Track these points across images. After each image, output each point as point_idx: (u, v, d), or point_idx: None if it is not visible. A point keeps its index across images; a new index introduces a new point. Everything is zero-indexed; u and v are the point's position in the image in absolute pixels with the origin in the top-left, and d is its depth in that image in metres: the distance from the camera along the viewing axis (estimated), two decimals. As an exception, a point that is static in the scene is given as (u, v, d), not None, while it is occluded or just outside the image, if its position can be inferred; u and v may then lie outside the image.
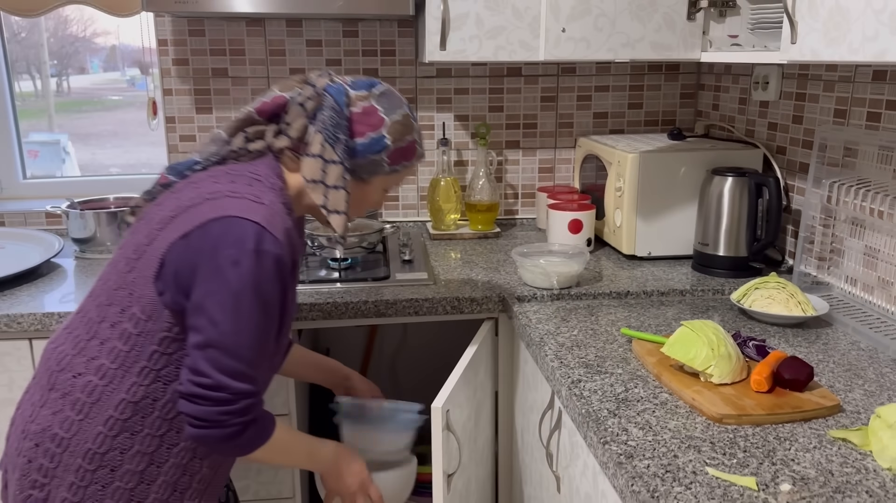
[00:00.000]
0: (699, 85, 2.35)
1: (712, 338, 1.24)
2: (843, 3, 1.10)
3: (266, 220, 1.10)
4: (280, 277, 1.11)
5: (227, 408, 1.07)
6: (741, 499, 0.94)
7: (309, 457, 1.29)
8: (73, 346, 1.14)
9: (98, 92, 2.63)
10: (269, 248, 1.08)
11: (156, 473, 1.13)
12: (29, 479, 1.11)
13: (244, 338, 1.07)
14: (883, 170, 1.53)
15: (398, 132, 1.24)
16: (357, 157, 1.23)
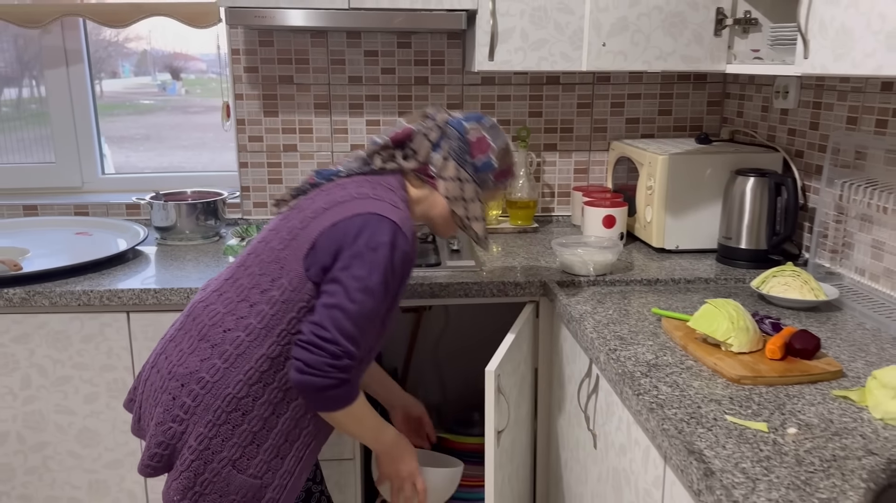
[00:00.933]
0: (725, 94, 2.53)
1: (733, 314, 1.43)
2: (848, 24, 1.29)
3: (401, 221, 1.35)
4: (403, 270, 1.35)
5: (333, 362, 1.26)
6: (754, 439, 1.12)
7: (375, 433, 1.44)
8: (224, 306, 1.37)
9: (130, 96, 2.74)
10: (401, 243, 1.33)
11: (275, 422, 1.35)
12: (171, 414, 1.33)
13: (365, 309, 1.29)
14: (890, 171, 1.71)
15: (502, 157, 1.52)
16: (481, 171, 1.50)
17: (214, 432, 1.32)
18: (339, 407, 1.32)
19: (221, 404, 1.32)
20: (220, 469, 1.32)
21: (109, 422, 1.93)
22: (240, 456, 1.32)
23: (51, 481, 1.96)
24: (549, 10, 2.02)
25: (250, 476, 1.33)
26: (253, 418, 1.33)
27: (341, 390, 1.30)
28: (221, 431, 1.32)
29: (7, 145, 2.61)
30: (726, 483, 1.00)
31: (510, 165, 1.55)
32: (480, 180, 1.50)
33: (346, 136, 2.48)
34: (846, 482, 1.01)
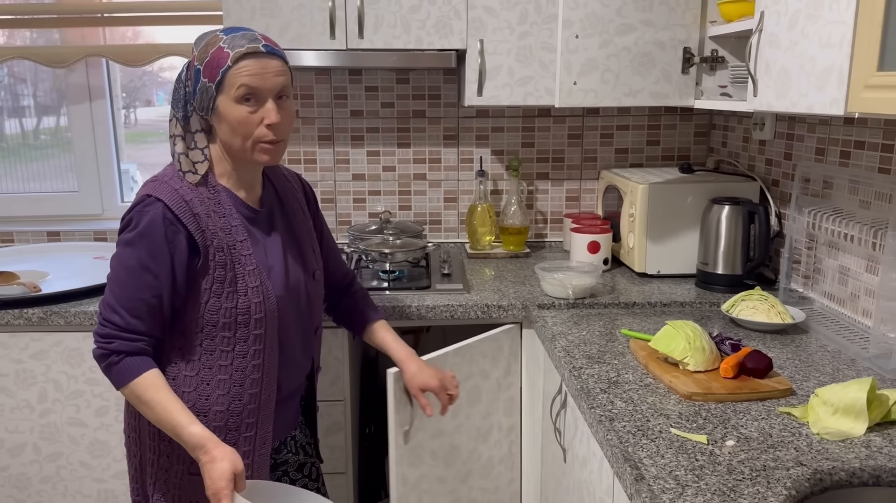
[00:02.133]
0: (711, 125, 2.63)
1: (690, 334, 1.52)
2: (787, 65, 1.39)
3: (153, 191, 1.31)
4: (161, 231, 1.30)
5: (98, 330, 1.32)
6: (693, 450, 1.21)
7: (173, 429, 1.30)
8: None
9: (163, 124, 2.84)
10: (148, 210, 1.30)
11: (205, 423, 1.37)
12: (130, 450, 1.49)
13: (119, 277, 1.31)
14: (853, 200, 1.79)
15: (201, 55, 1.32)
16: (194, 98, 1.34)
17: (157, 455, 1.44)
18: (115, 381, 1.31)
19: (152, 429, 1.42)
20: (180, 481, 1.44)
21: (118, 434, 2.06)
22: (190, 464, 1.41)
23: (63, 490, 2.09)
24: (534, 48, 2.15)
25: None
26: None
27: (110, 362, 1.30)
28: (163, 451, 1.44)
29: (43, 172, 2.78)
30: (655, 488, 1.09)
31: (217, 50, 1.31)
32: (198, 105, 1.34)
33: (348, 166, 2.62)
34: (770, 490, 1.09)
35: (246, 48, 1.30)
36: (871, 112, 1.14)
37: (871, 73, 1.14)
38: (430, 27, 2.15)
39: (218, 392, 1.37)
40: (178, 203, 1.31)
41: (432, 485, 1.86)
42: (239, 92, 1.30)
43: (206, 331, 1.36)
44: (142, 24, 2.58)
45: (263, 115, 1.32)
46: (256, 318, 1.37)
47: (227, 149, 1.37)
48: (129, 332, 1.30)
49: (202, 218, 1.33)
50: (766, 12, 1.48)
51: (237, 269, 1.35)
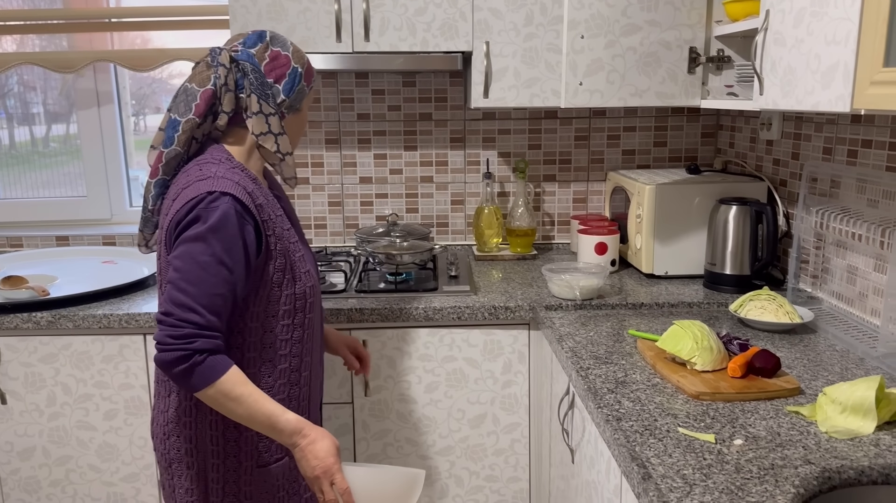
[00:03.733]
0: (718, 125, 2.62)
1: (697, 334, 1.52)
2: (793, 64, 1.39)
3: (212, 186, 1.28)
4: (236, 226, 1.27)
5: (173, 332, 1.22)
6: (701, 449, 1.21)
7: (268, 419, 1.28)
8: None
9: None
10: (220, 205, 1.26)
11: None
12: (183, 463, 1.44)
13: (192, 276, 1.24)
14: (860, 199, 1.78)
15: (299, 57, 1.43)
16: (290, 96, 1.41)
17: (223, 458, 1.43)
18: (199, 382, 1.24)
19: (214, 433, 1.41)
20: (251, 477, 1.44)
21: (127, 437, 2.07)
22: (258, 457, 1.43)
23: (72, 493, 2.10)
24: (540, 50, 2.15)
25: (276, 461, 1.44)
26: None
27: (193, 363, 1.23)
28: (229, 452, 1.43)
29: (53, 180, 2.80)
30: (663, 487, 1.09)
31: (308, 60, 1.46)
32: (292, 101, 1.42)
33: (355, 169, 2.62)
34: (778, 488, 1.09)
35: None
36: (877, 108, 1.14)
37: (876, 69, 1.14)
38: (436, 29, 2.16)
39: (280, 382, 1.40)
40: (244, 195, 1.31)
41: (400, 443, 2.06)
42: (312, 98, 1.50)
43: (266, 324, 1.37)
44: (149, 29, 2.60)
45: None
46: (311, 302, 1.43)
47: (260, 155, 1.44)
48: (211, 330, 1.26)
49: (263, 208, 1.35)
50: (772, 10, 1.48)
51: (291, 256, 1.39)
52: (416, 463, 2.11)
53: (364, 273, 2.29)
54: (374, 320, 2.00)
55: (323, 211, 2.65)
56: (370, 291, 2.11)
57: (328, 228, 2.66)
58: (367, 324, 2.02)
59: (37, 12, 2.54)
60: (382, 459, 2.10)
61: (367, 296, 2.08)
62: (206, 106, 1.36)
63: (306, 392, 1.47)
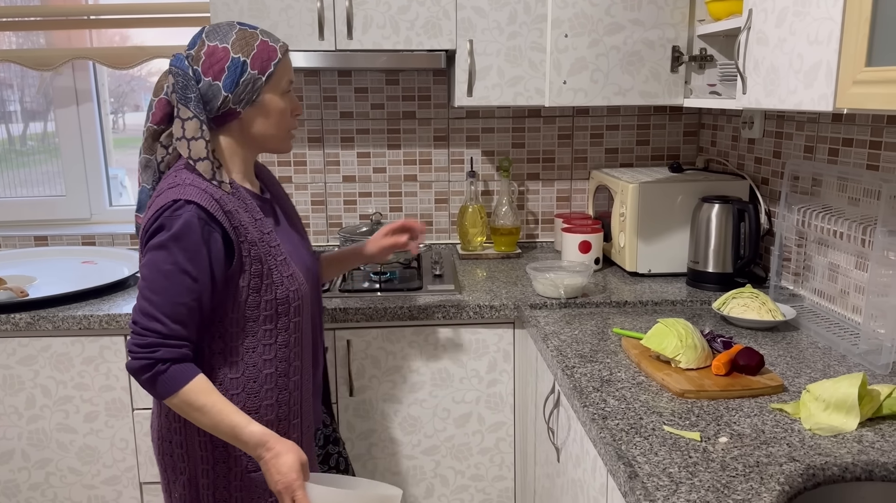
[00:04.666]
0: (700, 124, 2.64)
1: (682, 332, 1.52)
2: (776, 63, 1.39)
3: (178, 194, 1.28)
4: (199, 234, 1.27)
5: (137, 341, 1.25)
6: (686, 447, 1.21)
7: (231, 431, 1.28)
8: None
9: None
10: (181, 213, 1.26)
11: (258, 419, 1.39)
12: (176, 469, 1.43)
13: (156, 285, 1.26)
14: (841, 197, 1.80)
15: (243, 46, 1.33)
16: (234, 91, 1.32)
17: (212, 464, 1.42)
18: (163, 391, 1.26)
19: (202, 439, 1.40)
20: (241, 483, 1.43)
21: (108, 439, 2.04)
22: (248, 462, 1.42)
23: (52, 497, 2.07)
24: (524, 48, 2.15)
25: None
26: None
27: (156, 372, 1.25)
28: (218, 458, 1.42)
29: (31, 178, 2.76)
30: (649, 485, 1.09)
31: (263, 43, 1.34)
32: (239, 97, 1.33)
33: (339, 168, 2.61)
34: (763, 485, 1.09)
35: (283, 43, 1.38)
36: (859, 107, 1.15)
37: (859, 68, 1.15)
38: (420, 28, 2.15)
39: (266, 387, 1.38)
40: (210, 202, 1.29)
41: (385, 443, 2.06)
42: (285, 85, 1.37)
43: (247, 329, 1.36)
44: (128, 27, 2.57)
45: (293, 107, 1.42)
46: (295, 306, 1.40)
47: (256, 139, 1.39)
48: (174, 339, 1.27)
49: (233, 215, 1.32)
50: (755, 10, 1.49)
51: (269, 261, 1.36)
52: (402, 462, 2.10)
53: (348, 273, 2.28)
54: (358, 320, 1.98)
55: (306, 210, 2.63)
56: (354, 291, 2.10)
57: (311, 227, 2.65)
58: (352, 324, 2.01)
59: (14, 9, 2.50)
60: (367, 460, 2.09)
61: (352, 296, 2.07)
62: (163, 113, 1.36)
63: (297, 397, 1.45)
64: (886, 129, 1.63)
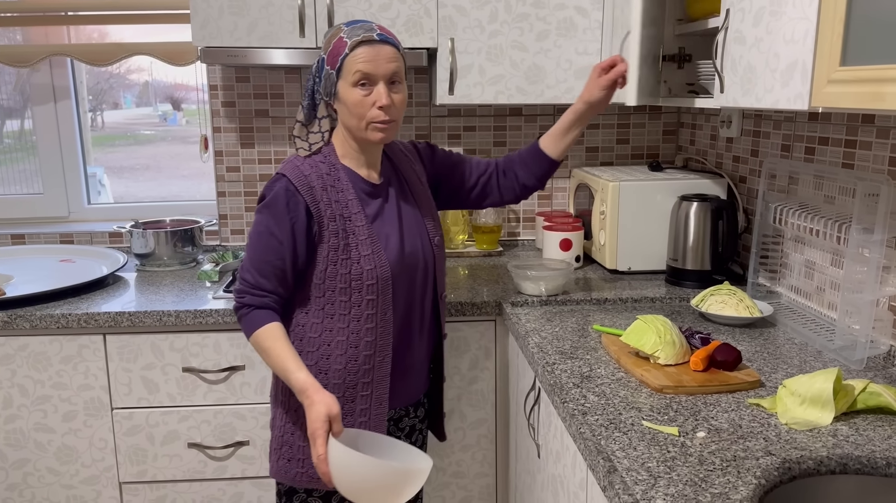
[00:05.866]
0: (679, 123, 2.66)
1: (660, 329, 1.54)
2: (752, 62, 1.41)
3: (283, 170, 1.48)
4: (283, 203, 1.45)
5: (237, 287, 1.49)
6: (665, 442, 1.22)
7: (284, 374, 1.43)
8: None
9: (131, 126, 2.79)
10: (274, 186, 1.47)
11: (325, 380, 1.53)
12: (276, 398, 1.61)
13: (249, 247, 1.49)
14: (817, 195, 1.82)
15: (326, 45, 1.48)
16: (321, 86, 1.50)
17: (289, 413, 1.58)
18: (245, 330, 1.48)
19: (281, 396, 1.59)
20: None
21: (87, 439, 2.02)
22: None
23: (30, 497, 2.05)
24: (505, 47, 2.16)
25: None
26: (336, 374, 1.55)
27: (241, 314, 1.48)
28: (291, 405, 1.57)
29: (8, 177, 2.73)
30: (628, 480, 1.10)
31: (338, 40, 1.45)
32: (321, 92, 1.50)
33: (320, 166, 2.60)
34: (740, 479, 1.11)
35: (361, 36, 1.43)
36: (834, 106, 1.16)
37: (833, 68, 1.17)
38: (401, 25, 2.15)
39: (337, 352, 1.51)
40: (299, 177, 1.46)
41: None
42: (355, 77, 1.43)
43: (326, 296, 1.50)
44: (107, 23, 2.54)
45: (375, 98, 1.45)
46: (369, 284, 1.49)
47: (347, 129, 1.51)
48: (257, 289, 1.46)
49: (317, 191, 1.47)
50: (732, 10, 1.50)
51: (350, 239, 1.48)
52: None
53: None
54: (339, 318, 1.98)
55: (287, 208, 2.62)
56: (336, 289, 2.10)
57: (292, 226, 2.63)
58: (333, 322, 2.01)
59: (-11, 4, 2.47)
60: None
61: (333, 294, 2.07)
62: None
63: (368, 371, 1.53)
64: (861, 127, 1.65)
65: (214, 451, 2.07)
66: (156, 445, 2.05)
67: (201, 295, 2.09)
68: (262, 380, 2.03)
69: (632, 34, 1.78)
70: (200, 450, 2.06)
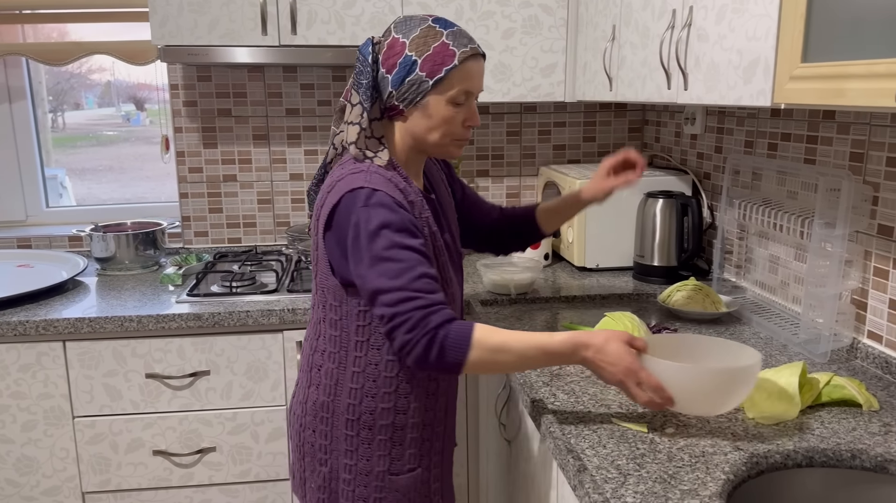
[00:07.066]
0: (644, 120, 2.68)
1: (628, 325, 1.54)
2: (716, 59, 1.42)
3: (366, 181, 1.24)
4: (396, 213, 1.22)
5: (404, 331, 1.18)
6: (634, 439, 1.23)
7: (541, 350, 1.20)
8: (311, 348, 1.38)
9: (93, 127, 2.73)
10: (375, 200, 1.21)
11: (403, 420, 1.33)
12: (316, 459, 1.37)
13: (384, 272, 1.19)
14: (780, 190, 1.84)
15: (420, 45, 1.26)
16: (399, 88, 1.28)
17: (355, 458, 1.33)
18: (456, 354, 1.18)
19: (347, 432, 1.33)
20: (381, 484, 1.34)
21: (47, 449, 1.97)
22: (390, 464, 1.34)
23: (-11, 510, 1.99)
24: (470, 44, 2.15)
25: (409, 471, 1.36)
26: (380, 429, 1.33)
27: (439, 341, 1.18)
28: (361, 452, 1.33)
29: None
30: (597, 478, 1.10)
31: (441, 46, 1.26)
32: (402, 95, 1.28)
33: (285, 166, 2.57)
34: (709, 475, 1.11)
35: (469, 49, 1.28)
36: (795, 102, 1.17)
37: (795, 64, 1.17)
38: (365, 23, 2.13)
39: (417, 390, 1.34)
40: (395, 191, 1.25)
41: None
42: (457, 94, 1.28)
43: None
44: (63, 22, 2.48)
45: (466, 117, 1.32)
46: (456, 308, 1.39)
47: (417, 141, 1.33)
48: (435, 305, 1.19)
49: (416, 206, 1.30)
50: (695, 7, 1.51)
51: (440, 259, 1.34)
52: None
53: (296, 272, 2.25)
54: (307, 320, 1.96)
55: (252, 209, 2.58)
56: (303, 291, 2.07)
57: (258, 227, 2.60)
58: (301, 325, 1.98)
59: (-61, 2, 2.40)
60: (318, 461, 2.06)
61: (300, 296, 2.04)
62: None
63: (443, 402, 1.40)
64: (823, 123, 1.68)
65: (180, 458, 2.03)
66: (119, 454, 2.00)
67: (164, 299, 2.04)
68: (227, 384, 2.00)
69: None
70: (166, 458, 2.02)
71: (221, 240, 2.58)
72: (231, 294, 2.06)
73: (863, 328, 1.57)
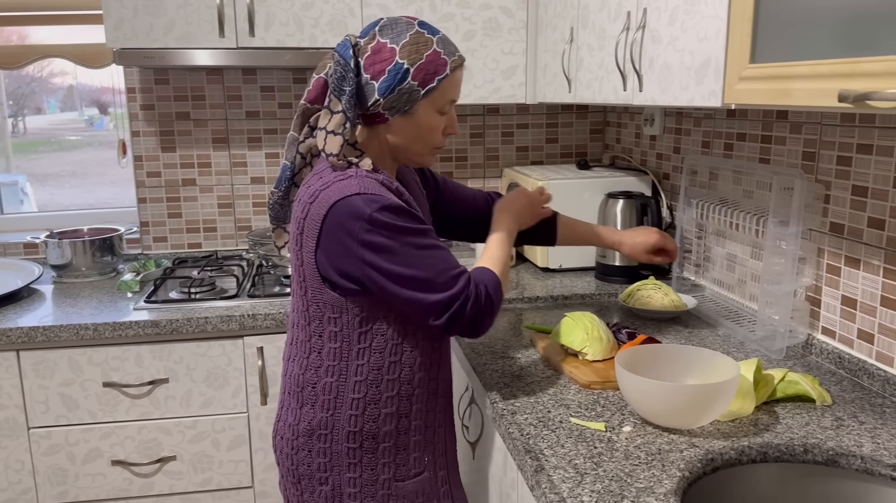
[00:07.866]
0: (605, 122, 2.70)
1: (588, 325, 1.55)
2: (668, 61, 1.43)
3: (360, 187, 1.20)
4: (402, 213, 1.20)
5: (472, 302, 1.23)
6: (592, 438, 1.23)
7: (508, 240, 1.41)
8: (300, 367, 1.31)
9: (55, 132, 2.68)
10: (379, 202, 1.18)
11: (406, 424, 1.31)
12: (315, 479, 1.31)
13: (420, 265, 1.20)
14: (736, 190, 1.87)
15: (411, 52, 1.22)
16: (387, 96, 1.23)
17: (359, 470, 1.30)
18: (501, 297, 1.30)
19: (349, 444, 1.29)
20: (388, 492, 1.31)
21: (2, 461, 1.93)
22: (395, 470, 1.32)
23: (-59, 525, 1.94)
24: (430, 47, 2.14)
25: (416, 476, 1.33)
26: (385, 435, 1.30)
27: (493, 299, 1.27)
28: (365, 462, 1.30)
29: None
30: (555, 478, 1.10)
31: (434, 55, 1.23)
32: (391, 103, 1.23)
33: (246, 169, 2.54)
34: (664, 472, 1.12)
35: (458, 57, 1.27)
36: (745, 103, 1.19)
37: (744, 65, 1.19)
38: (325, 25, 2.12)
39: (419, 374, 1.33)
40: (392, 193, 1.23)
41: None
42: (445, 103, 1.27)
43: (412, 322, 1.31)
44: (20, 24, 2.43)
45: (447, 125, 1.31)
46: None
47: (396, 148, 1.31)
48: (468, 275, 1.25)
49: (411, 205, 1.29)
50: (649, 8, 1.53)
51: None
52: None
53: (258, 277, 2.22)
54: (268, 326, 1.94)
55: (212, 213, 2.55)
56: (264, 296, 2.05)
57: (218, 231, 2.57)
58: (262, 331, 1.96)
59: None
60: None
61: (261, 301, 2.02)
62: (317, 93, 1.28)
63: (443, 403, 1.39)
64: (776, 123, 1.70)
65: (140, 468, 1.99)
66: (77, 464, 1.96)
67: (122, 306, 2.01)
68: (186, 392, 1.97)
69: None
70: (125, 468, 1.99)
71: (181, 245, 2.55)
72: (190, 300, 2.03)
73: (817, 324, 1.60)
